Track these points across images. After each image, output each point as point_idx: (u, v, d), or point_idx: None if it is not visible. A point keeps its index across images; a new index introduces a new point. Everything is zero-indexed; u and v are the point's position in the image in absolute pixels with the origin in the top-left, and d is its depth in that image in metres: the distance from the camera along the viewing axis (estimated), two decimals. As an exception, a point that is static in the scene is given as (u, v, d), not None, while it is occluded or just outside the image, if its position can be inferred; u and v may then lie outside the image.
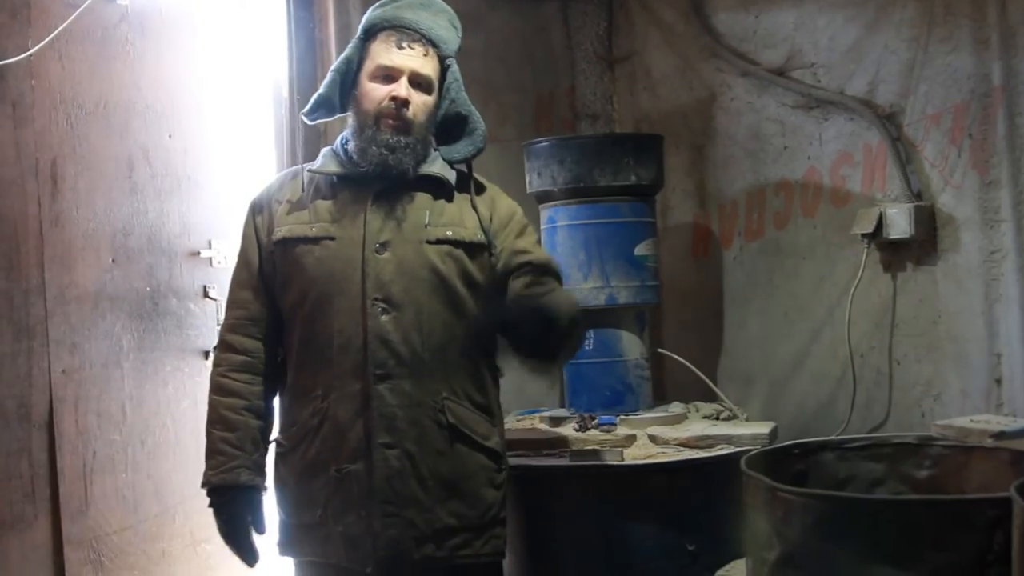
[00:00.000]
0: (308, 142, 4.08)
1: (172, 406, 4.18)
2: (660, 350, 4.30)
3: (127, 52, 4.07)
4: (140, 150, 4.11)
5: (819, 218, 4.11)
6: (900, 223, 3.72)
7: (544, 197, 4.05)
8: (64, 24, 3.83)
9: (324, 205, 3.00)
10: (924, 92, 3.73)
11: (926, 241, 3.74)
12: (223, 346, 3.05)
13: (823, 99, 4.05)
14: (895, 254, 3.85)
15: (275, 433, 3.08)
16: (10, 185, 3.75)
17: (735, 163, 4.41)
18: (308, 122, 3.13)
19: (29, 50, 3.77)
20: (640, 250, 3.98)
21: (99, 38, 3.98)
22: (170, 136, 4.20)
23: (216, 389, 3.02)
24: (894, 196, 3.83)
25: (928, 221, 3.71)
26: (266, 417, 3.05)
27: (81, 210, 3.92)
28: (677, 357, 4.21)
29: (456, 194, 3.06)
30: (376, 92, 2.95)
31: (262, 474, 3.01)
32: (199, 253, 4.28)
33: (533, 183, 4.05)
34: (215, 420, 2.99)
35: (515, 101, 4.69)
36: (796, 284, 4.22)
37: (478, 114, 3.11)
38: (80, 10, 3.87)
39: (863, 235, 3.83)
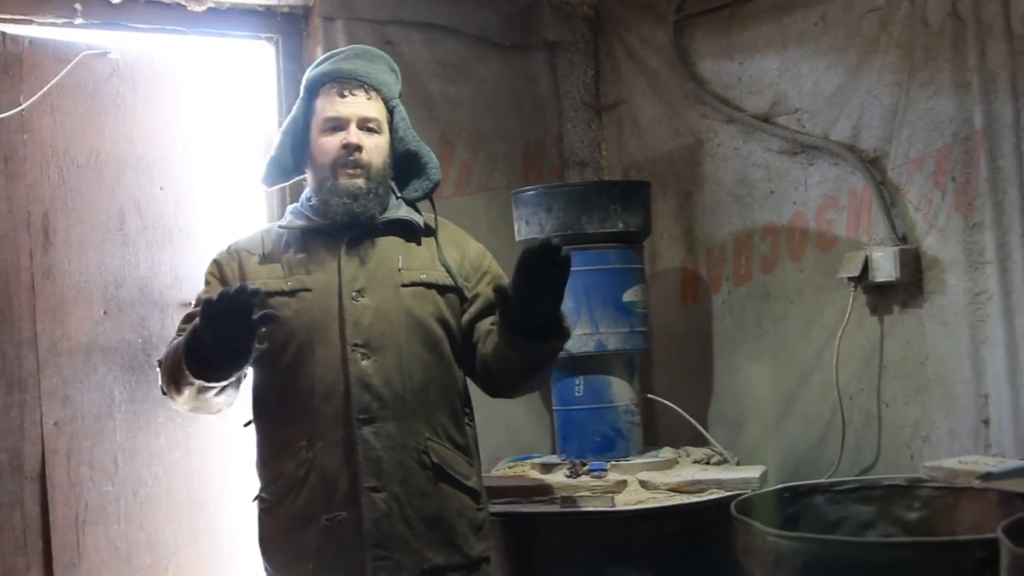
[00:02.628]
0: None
1: (164, 457, 4.17)
2: (650, 395, 4.32)
3: (118, 105, 4.09)
4: (132, 202, 4.12)
5: (806, 262, 4.13)
6: (886, 266, 3.75)
7: (533, 245, 4.07)
8: (56, 78, 3.86)
9: (297, 258, 3.03)
10: (907, 136, 3.76)
11: (912, 284, 3.76)
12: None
13: (808, 144, 4.09)
14: (881, 297, 3.87)
15: (257, 490, 3.07)
16: (2, 238, 3.77)
17: (722, 208, 4.44)
18: (267, 188, 3.18)
19: (21, 104, 3.80)
20: (629, 296, 4.00)
21: (90, 92, 4.01)
22: (161, 188, 4.22)
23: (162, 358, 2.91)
24: (879, 240, 3.85)
25: (913, 264, 3.74)
26: None
27: (73, 262, 3.94)
28: (667, 402, 4.23)
29: (424, 237, 3.10)
30: (328, 144, 3.00)
31: None
32: (190, 304, 4.28)
33: (522, 231, 4.08)
34: (169, 351, 2.86)
35: (503, 150, 4.73)
36: (784, 328, 4.23)
37: (427, 148, 3.16)
38: (72, 64, 3.90)
39: (849, 278, 3.85)
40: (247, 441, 3.16)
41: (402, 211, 3.08)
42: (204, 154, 4.39)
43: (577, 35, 4.89)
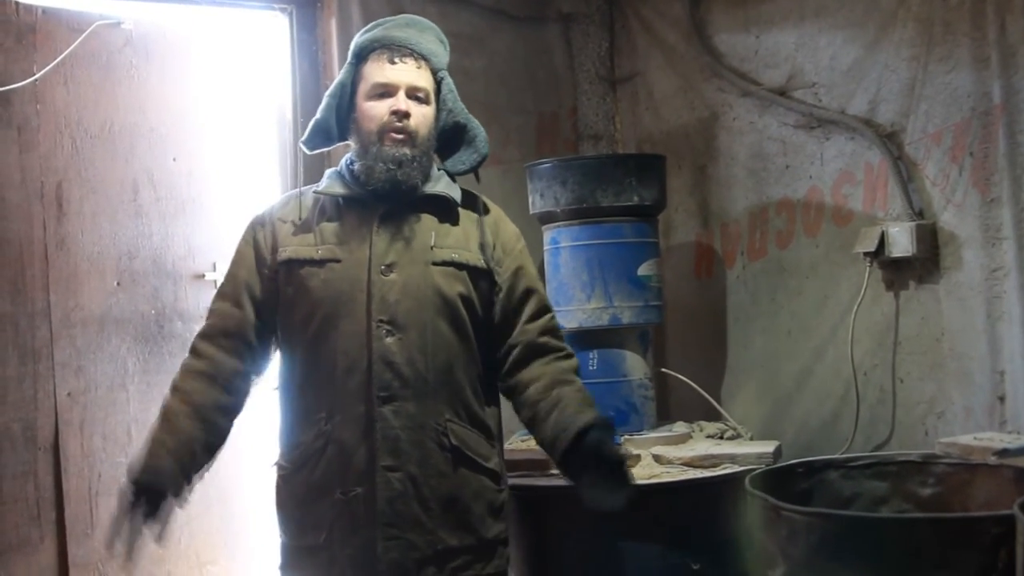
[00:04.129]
0: (310, 165, 4.11)
1: (177, 428, 4.18)
2: (664, 370, 4.30)
3: (131, 76, 4.09)
4: (145, 173, 4.12)
5: (821, 237, 4.11)
6: (902, 241, 3.72)
7: (547, 218, 4.06)
8: (69, 48, 3.86)
9: (330, 227, 3.00)
10: (924, 111, 3.73)
11: (928, 259, 3.73)
12: (191, 351, 3.04)
13: (824, 118, 4.06)
14: (897, 272, 3.85)
15: (276, 456, 3.07)
16: (15, 209, 3.77)
17: (737, 183, 4.42)
18: (308, 152, 3.15)
19: (35, 74, 3.80)
20: (643, 270, 3.98)
21: (104, 62, 4.00)
22: (174, 159, 4.21)
23: (171, 389, 2.98)
24: (896, 215, 3.83)
25: (930, 239, 3.72)
26: (212, 428, 2.96)
27: (86, 233, 3.94)
28: (681, 376, 4.22)
29: (461, 214, 3.08)
30: (375, 109, 2.96)
31: (181, 482, 2.90)
32: (204, 275, 4.29)
33: (536, 204, 4.06)
34: (159, 417, 2.94)
35: (517, 123, 4.71)
36: (799, 303, 4.22)
37: (476, 121, 3.13)
38: (85, 34, 3.90)
39: (865, 254, 3.83)
40: (260, 412, 3.15)
41: (440, 185, 3.04)
42: (217, 125, 4.39)
43: (592, 7, 4.86)
